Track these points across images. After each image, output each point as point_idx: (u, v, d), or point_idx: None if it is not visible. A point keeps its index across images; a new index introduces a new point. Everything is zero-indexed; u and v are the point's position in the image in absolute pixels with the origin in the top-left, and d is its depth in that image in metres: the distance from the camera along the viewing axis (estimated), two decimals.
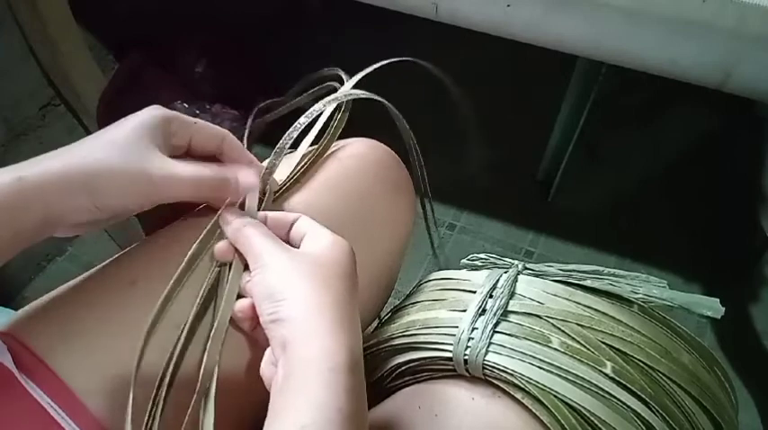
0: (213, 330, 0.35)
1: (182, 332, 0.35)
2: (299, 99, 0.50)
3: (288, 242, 0.37)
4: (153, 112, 0.36)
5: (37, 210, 0.32)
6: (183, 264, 0.36)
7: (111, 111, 1.02)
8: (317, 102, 0.45)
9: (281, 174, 0.43)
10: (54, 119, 1.00)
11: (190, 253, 0.37)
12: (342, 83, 0.48)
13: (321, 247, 0.35)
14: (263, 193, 0.40)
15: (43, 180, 0.32)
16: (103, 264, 0.39)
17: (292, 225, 0.37)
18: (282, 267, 0.34)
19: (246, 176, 0.39)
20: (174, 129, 0.37)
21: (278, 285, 0.33)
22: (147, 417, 0.33)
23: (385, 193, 0.48)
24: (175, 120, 0.37)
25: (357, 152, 0.48)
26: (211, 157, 0.40)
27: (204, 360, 0.34)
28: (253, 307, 0.35)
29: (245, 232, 0.36)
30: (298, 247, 0.36)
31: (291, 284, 0.33)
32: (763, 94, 0.52)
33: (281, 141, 0.42)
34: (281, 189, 0.42)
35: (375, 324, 0.52)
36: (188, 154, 0.39)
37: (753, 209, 0.82)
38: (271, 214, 0.38)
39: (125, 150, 0.34)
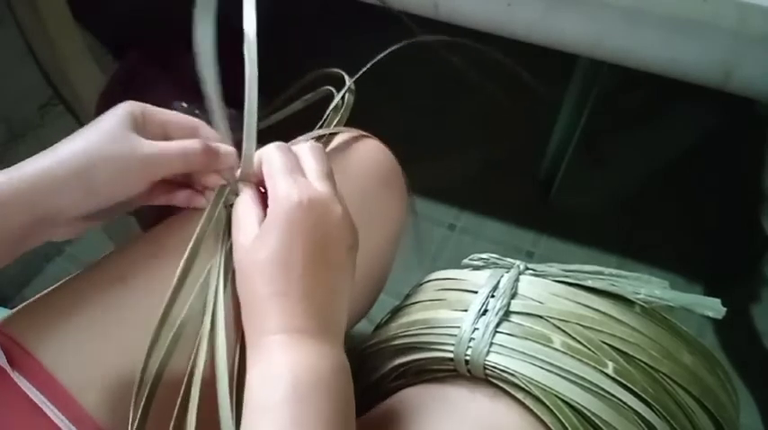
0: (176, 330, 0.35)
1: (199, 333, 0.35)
2: (297, 103, 0.50)
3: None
4: (125, 106, 0.37)
5: (29, 206, 0.32)
6: (187, 253, 0.36)
7: None
8: (311, 103, 0.46)
9: None
10: (53, 118, 1.00)
11: (192, 242, 0.37)
12: (341, 83, 0.48)
13: (265, 236, 0.34)
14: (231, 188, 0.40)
15: (34, 175, 0.32)
16: (95, 262, 0.39)
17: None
18: (238, 278, 0.35)
19: (227, 148, 0.40)
20: (148, 118, 0.37)
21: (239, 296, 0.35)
22: (131, 417, 0.33)
23: (374, 189, 0.47)
24: (148, 110, 0.37)
25: (346, 147, 0.48)
26: None
27: (192, 359, 0.34)
28: None
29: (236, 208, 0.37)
30: None
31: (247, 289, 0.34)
32: (764, 93, 0.52)
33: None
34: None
35: (373, 324, 0.52)
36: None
37: (753, 209, 0.82)
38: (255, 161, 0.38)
39: (111, 136, 0.34)
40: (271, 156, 0.36)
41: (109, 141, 0.34)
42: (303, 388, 0.30)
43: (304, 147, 0.38)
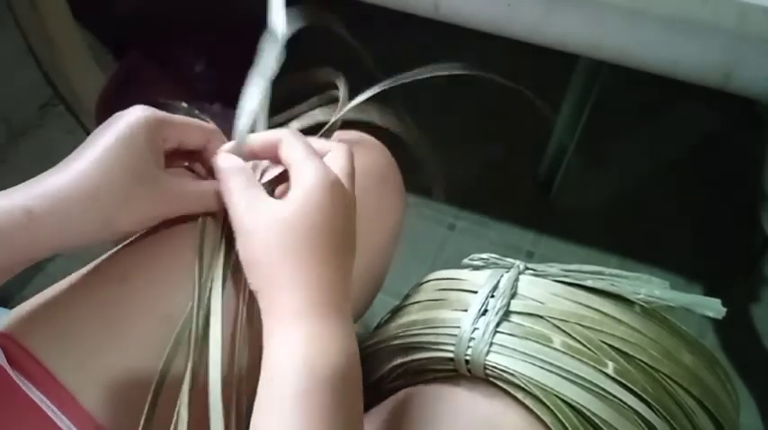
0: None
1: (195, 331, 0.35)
2: (300, 107, 0.50)
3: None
4: (142, 115, 0.35)
5: (50, 243, 0.32)
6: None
7: (110, 111, 1.01)
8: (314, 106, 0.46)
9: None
10: (53, 118, 1.00)
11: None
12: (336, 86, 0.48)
13: (297, 204, 0.34)
14: None
15: (54, 214, 0.32)
16: (95, 261, 0.39)
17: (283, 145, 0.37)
18: (254, 239, 0.34)
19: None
20: (166, 135, 0.36)
21: (250, 259, 0.34)
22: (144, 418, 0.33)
23: (372, 186, 0.47)
24: (166, 125, 0.36)
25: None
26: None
27: (189, 356, 0.34)
28: None
29: (226, 185, 0.36)
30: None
31: (266, 260, 0.33)
32: (764, 94, 0.52)
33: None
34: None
35: (374, 323, 0.52)
36: (176, 151, 0.39)
37: (753, 209, 0.82)
38: (259, 140, 0.38)
39: (130, 172, 0.34)
40: (295, 140, 0.37)
41: (127, 179, 0.34)
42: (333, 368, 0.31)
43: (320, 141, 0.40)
